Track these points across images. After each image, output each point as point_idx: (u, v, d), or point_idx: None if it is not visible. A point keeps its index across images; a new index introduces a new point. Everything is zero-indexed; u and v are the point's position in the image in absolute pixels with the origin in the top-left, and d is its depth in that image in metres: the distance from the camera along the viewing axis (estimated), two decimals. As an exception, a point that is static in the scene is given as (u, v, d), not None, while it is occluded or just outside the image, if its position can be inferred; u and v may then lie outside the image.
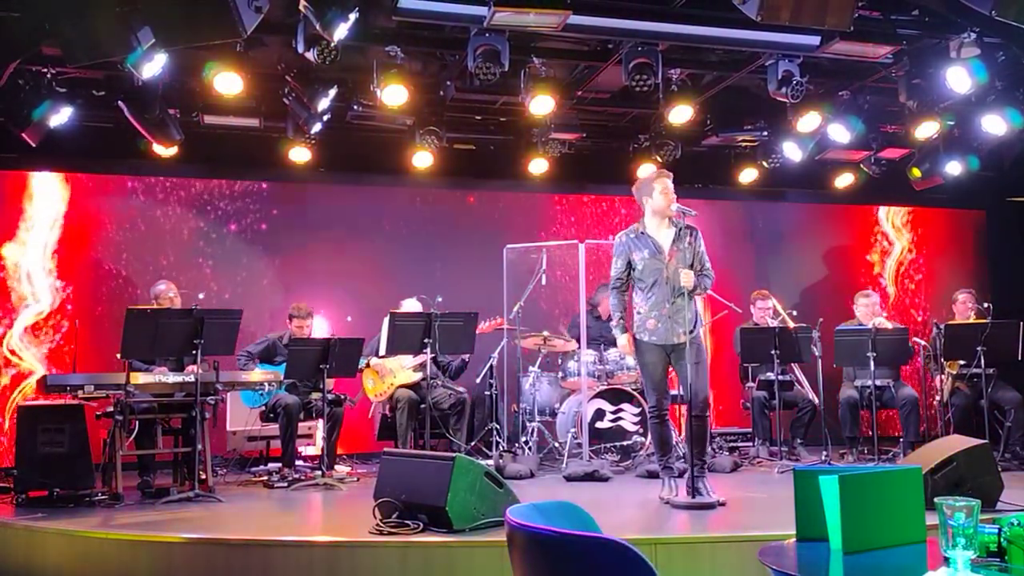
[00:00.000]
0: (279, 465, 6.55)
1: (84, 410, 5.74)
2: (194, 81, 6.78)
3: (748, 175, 8.85)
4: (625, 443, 6.94)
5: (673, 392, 6.08)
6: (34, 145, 6.52)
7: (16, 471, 5.56)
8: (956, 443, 4.83)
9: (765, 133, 8.14)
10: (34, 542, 4.71)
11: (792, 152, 8.08)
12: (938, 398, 7.26)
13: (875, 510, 2.51)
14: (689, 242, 5.19)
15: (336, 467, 6.75)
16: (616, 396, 7.00)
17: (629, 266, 5.29)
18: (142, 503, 5.50)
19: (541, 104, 6.86)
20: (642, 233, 5.26)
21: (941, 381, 7.24)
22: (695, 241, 5.23)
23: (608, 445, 6.91)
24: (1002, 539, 2.23)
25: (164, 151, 7.34)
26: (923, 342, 7.30)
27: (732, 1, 5.06)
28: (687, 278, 5.02)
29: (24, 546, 4.74)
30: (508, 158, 8.44)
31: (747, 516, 4.97)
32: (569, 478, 6.28)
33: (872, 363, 6.74)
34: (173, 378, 5.91)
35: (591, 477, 6.22)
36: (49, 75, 6.28)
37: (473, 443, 7.20)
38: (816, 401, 7.28)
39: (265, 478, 6.41)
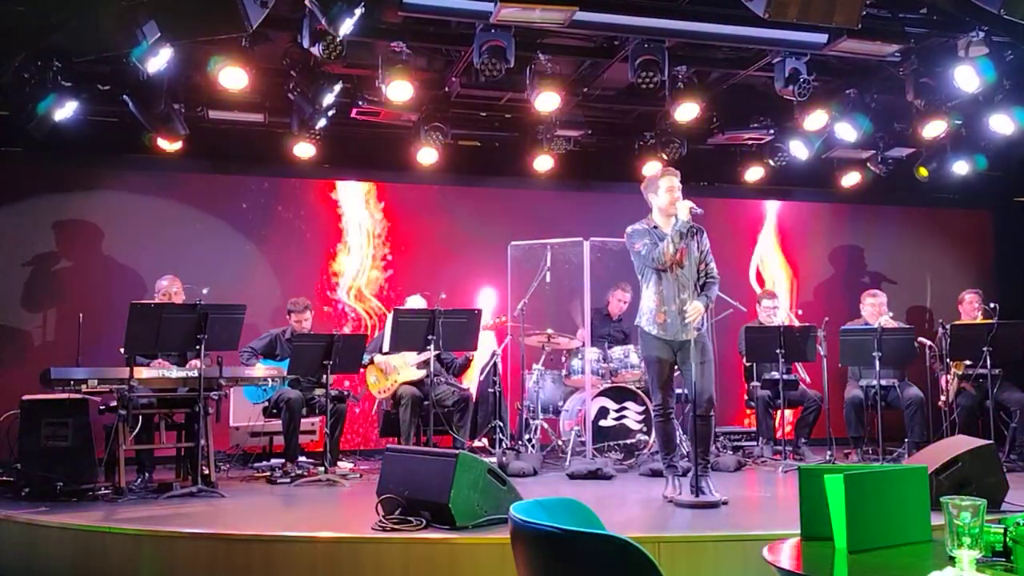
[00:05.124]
0: (282, 461, 6.55)
1: (88, 404, 5.73)
2: (199, 76, 6.78)
3: (754, 173, 8.83)
4: (628, 441, 6.93)
5: (678, 391, 6.07)
6: (39, 139, 6.52)
7: (19, 465, 5.56)
8: (961, 443, 4.81)
9: (771, 131, 8.12)
10: (37, 536, 4.70)
11: (799, 150, 8.05)
12: (943, 398, 7.23)
13: (880, 509, 2.51)
14: (696, 241, 5.19)
15: (339, 463, 6.75)
16: (620, 394, 6.99)
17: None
18: (145, 498, 5.50)
19: (547, 101, 6.84)
20: (655, 228, 5.25)
21: (947, 381, 7.22)
22: (701, 241, 5.24)
23: (611, 443, 6.90)
24: (1008, 539, 2.22)
25: (168, 146, 7.34)
26: (929, 342, 7.27)
27: (739, -2, 5.05)
28: (695, 311, 5.04)
29: (27, 540, 4.74)
30: (513, 155, 8.42)
31: (751, 515, 4.96)
32: (572, 476, 6.27)
33: (877, 363, 6.71)
34: (176, 373, 5.91)
35: (594, 475, 6.20)
36: (54, 69, 6.27)
37: (476, 440, 7.19)
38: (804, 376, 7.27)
39: (268, 474, 6.41)
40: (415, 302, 7.17)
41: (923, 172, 8.36)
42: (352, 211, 8.52)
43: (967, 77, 6.38)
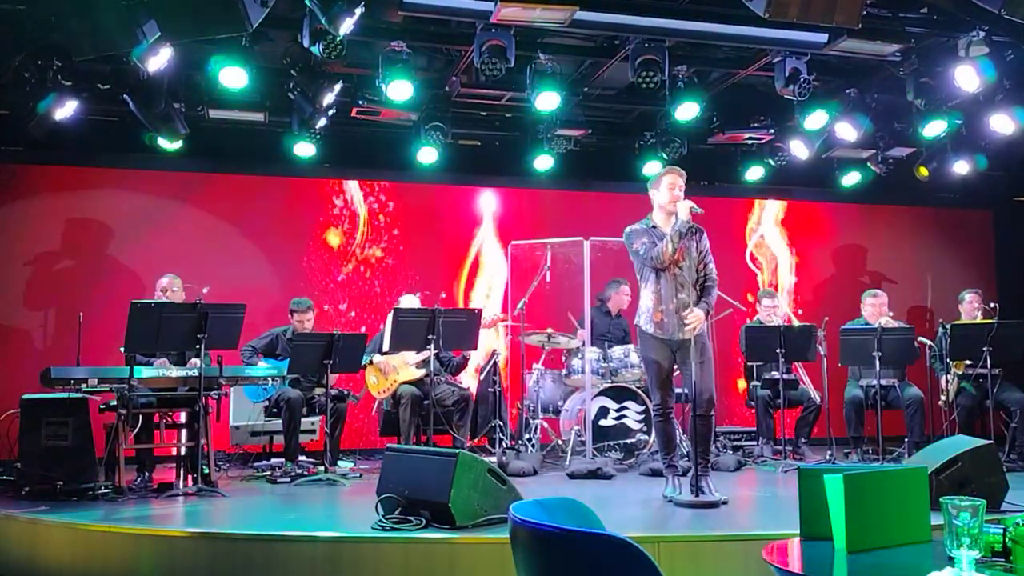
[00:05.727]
0: (282, 460, 6.55)
1: (88, 404, 5.73)
2: (199, 75, 6.79)
3: (754, 173, 8.83)
4: (628, 441, 6.93)
5: (678, 390, 6.06)
6: (39, 138, 6.52)
7: (19, 464, 5.56)
8: (961, 443, 4.81)
9: (771, 131, 8.11)
10: (37, 535, 4.71)
11: (799, 150, 8.05)
12: (943, 398, 7.23)
13: (879, 509, 2.50)
14: (696, 241, 5.18)
15: (339, 463, 6.75)
16: (620, 394, 6.99)
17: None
18: (145, 498, 5.50)
19: (547, 100, 6.84)
20: (653, 227, 5.24)
21: (947, 381, 7.21)
22: (700, 241, 5.23)
23: (611, 443, 6.90)
24: (1007, 539, 2.22)
25: (169, 145, 7.33)
26: (929, 342, 7.27)
27: (740, -2, 5.05)
28: (696, 319, 5.01)
29: (27, 539, 4.75)
30: (513, 154, 8.42)
31: (751, 515, 4.96)
32: (572, 475, 6.27)
33: (877, 363, 6.70)
34: (177, 372, 5.90)
35: (594, 475, 6.20)
36: (54, 68, 6.26)
37: (476, 439, 7.19)
38: (817, 399, 7.28)
39: (268, 473, 6.41)
40: (409, 302, 7.17)
41: (923, 172, 8.36)
42: (352, 210, 8.52)
43: (967, 77, 6.38)
